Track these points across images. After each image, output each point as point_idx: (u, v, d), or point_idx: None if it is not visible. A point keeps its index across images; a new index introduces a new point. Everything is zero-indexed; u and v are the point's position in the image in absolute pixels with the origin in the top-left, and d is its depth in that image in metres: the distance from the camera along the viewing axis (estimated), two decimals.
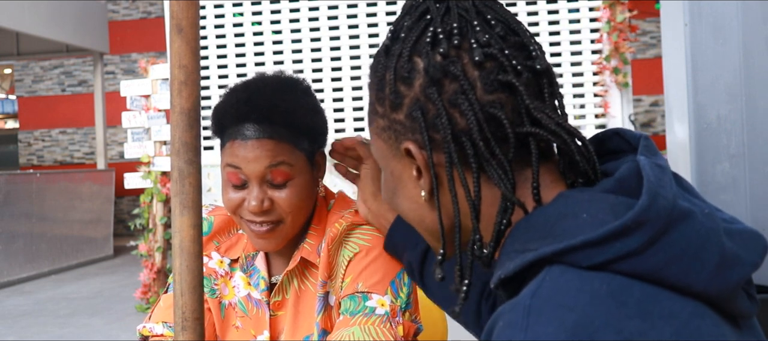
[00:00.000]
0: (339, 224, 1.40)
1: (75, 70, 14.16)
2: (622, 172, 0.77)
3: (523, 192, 0.79)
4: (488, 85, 0.77)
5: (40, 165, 14.15)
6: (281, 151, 1.32)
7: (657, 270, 0.69)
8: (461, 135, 0.78)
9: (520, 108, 0.77)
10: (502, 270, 0.76)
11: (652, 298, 0.69)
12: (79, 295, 7.54)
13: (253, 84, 1.39)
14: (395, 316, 1.34)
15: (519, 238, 0.77)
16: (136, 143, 6.52)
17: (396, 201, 0.88)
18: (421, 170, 0.81)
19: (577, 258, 0.70)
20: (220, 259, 1.50)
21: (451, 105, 0.78)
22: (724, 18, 1.63)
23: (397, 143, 0.83)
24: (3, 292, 7.92)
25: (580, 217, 0.73)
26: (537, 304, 0.68)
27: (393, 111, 0.82)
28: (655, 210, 0.70)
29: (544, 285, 0.70)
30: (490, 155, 0.77)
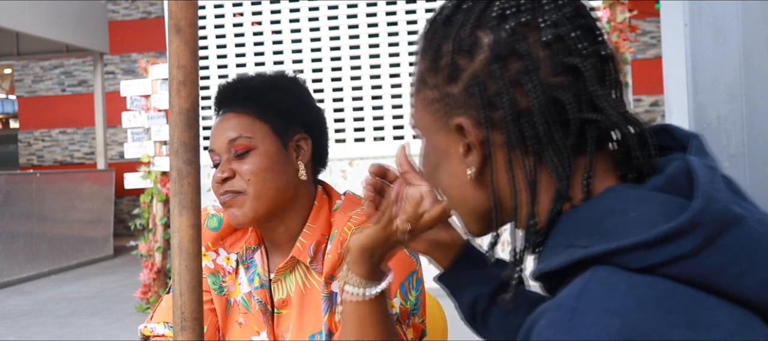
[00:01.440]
0: (348, 228, 1.41)
1: (75, 70, 14.15)
2: (672, 170, 0.75)
3: (575, 181, 0.76)
4: (554, 66, 0.74)
5: (40, 165, 14.15)
6: (241, 124, 1.41)
7: (708, 274, 0.67)
8: (522, 116, 0.75)
9: (583, 94, 0.74)
10: (545, 264, 0.74)
11: (700, 306, 0.67)
12: (79, 295, 7.54)
13: (247, 74, 1.53)
14: (405, 318, 1.35)
15: (564, 232, 0.74)
16: (136, 143, 6.52)
17: (436, 176, 0.84)
18: (472, 147, 0.78)
19: (627, 259, 0.68)
20: (227, 256, 1.51)
21: (514, 84, 0.74)
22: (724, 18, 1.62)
23: (447, 117, 0.79)
24: (3, 292, 7.92)
25: (628, 215, 0.70)
26: (582, 307, 0.66)
27: (447, 84, 0.79)
28: (709, 213, 0.68)
29: (591, 287, 0.67)
30: (549, 139, 0.74)
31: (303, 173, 1.43)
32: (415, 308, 1.38)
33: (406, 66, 6.41)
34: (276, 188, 1.39)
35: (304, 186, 1.44)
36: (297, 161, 1.43)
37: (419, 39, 0.84)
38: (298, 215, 1.44)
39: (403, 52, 6.40)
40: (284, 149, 1.42)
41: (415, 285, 1.39)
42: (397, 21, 6.38)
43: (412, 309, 1.37)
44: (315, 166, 1.49)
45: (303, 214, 1.45)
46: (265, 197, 1.39)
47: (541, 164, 0.76)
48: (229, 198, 1.40)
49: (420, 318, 1.39)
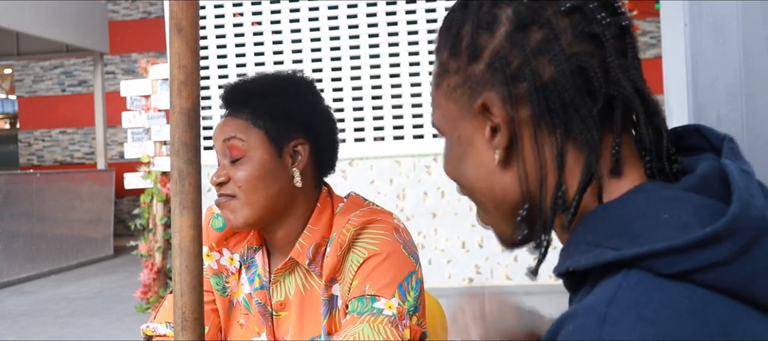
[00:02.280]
0: (346, 230, 1.40)
1: (75, 70, 14.16)
2: (704, 170, 0.72)
3: (603, 156, 0.74)
4: (577, 35, 0.73)
5: (40, 165, 14.15)
6: (236, 127, 1.41)
7: (743, 283, 0.65)
8: (546, 86, 0.73)
9: (608, 64, 0.73)
10: (571, 262, 0.71)
11: (735, 317, 0.65)
12: (79, 295, 7.54)
13: (253, 75, 1.50)
14: (402, 319, 1.34)
15: (592, 229, 0.72)
16: (136, 143, 6.52)
17: (462, 170, 0.81)
18: (498, 127, 0.76)
19: (659, 264, 0.65)
20: (231, 256, 1.51)
21: (537, 54, 0.73)
22: (724, 18, 1.62)
23: (472, 99, 0.77)
24: (3, 292, 7.92)
25: (660, 217, 0.68)
26: (614, 314, 0.63)
27: (470, 63, 0.77)
28: (746, 219, 0.66)
29: (622, 293, 0.65)
30: (575, 108, 0.72)
31: (298, 180, 1.42)
32: (414, 308, 1.37)
33: (406, 66, 6.41)
34: (267, 196, 1.39)
35: (302, 191, 1.43)
36: (292, 168, 1.42)
37: (438, 33, 0.83)
38: (296, 219, 1.44)
39: (403, 53, 6.40)
40: (279, 156, 1.41)
41: (415, 286, 1.38)
42: (397, 21, 6.38)
43: (410, 309, 1.36)
44: (319, 169, 1.47)
45: (303, 217, 1.44)
46: (256, 204, 1.39)
47: (569, 137, 0.74)
48: (223, 201, 1.41)
49: (418, 320, 1.38)
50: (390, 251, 1.38)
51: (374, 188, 6.37)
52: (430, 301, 1.76)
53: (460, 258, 6.35)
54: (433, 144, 6.35)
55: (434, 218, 6.37)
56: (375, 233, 1.40)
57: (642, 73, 0.76)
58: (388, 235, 1.40)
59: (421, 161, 6.36)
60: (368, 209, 1.45)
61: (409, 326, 1.35)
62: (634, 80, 0.74)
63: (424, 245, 6.33)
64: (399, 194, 6.39)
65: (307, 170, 1.44)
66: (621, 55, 0.74)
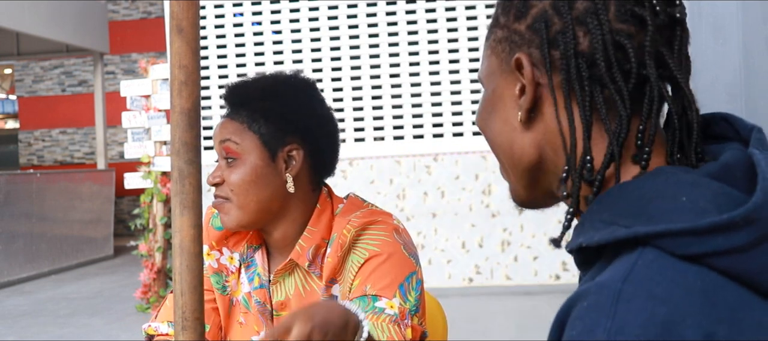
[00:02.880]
0: (347, 231, 1.40)
1: (75, 70, 14.16)
2: (728, 158, 0.72)
3: (628, 140, 0.74)
4: (622, 13, 0.73)
5: (40, 165, 14.15)
6: (232, 129, 1.42)
7: (756, 272, 0.66)
8: (581, 56, 0.74)
9: (646, 47, 0.73)
10: (584, 237, 0.72)
11: (745, 304, 0.65)
12: (79, 295, 7.54)
13: (254, 76, 1.50)
14: (404, 318, 1.35)
15: (609, 207, 0.72)
16: (136, 143, 6.52)
17: (489, 122, 0.83)
18: (526, 87, 0.77)
19: (674, 244, 0.66)
20: (231, 255, 1.51)
21: (579, 23, 0.74)
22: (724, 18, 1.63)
23: (510, 55, 0.79)
24: (3, 292, 7.92)
25: (678, 200, 0.68)
26: (629, 290, 0.64)
27: (516, 20, 0.79)
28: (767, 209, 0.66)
29: (637, 270, 0.65)
30: (609, 80, 0.73)
31: (291, 186, 1.42)
32: (415, 308, 1.37)
33: (406, 66, 6.41)
34: (259, 200, 1.40)
35: (297, 195, 1.43)
36: (285, 173, 1.42)
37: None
38: (292, 222, 1.44)
39: (403, 53, 6.40)
40: (272, 161, 1.41)
41: (415, 286, 1.39)
42: (397, 21, 6.38)
43: (411, 309, 1.37)
44: (317, 173, 1.47)
45: (300, 219, 1.44)
46: (248, 208, 1.40)
47: (596, 111, 0.75)
48: (218, 203, 1.43)
49: (419, 320, 1.39)
50: (391, 252, 1.38)
51: (374, 188, 6.37)
52: (430, 301, 1.76)
53: (460, 258, 6.35)
54: (433, 144, 6.35)
55: (434, 218, 6.37)
56: (375, 234, 1.40)
57: (687, 70, 0.76)
58: (388, 236, 1.40)
59: (421, 161, 6.37)
60: (368, 210, 1.45)
61: (411, 325, 1.35)
62: (671, 70, 0.74)
63: (424, 245, 6.33)
64: (399, 194, 6.39)
65: (302, 174, 1.43)
66: (666, 45, 0.74)
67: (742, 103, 1.62)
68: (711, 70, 1.63)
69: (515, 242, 6.21)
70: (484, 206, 6.26)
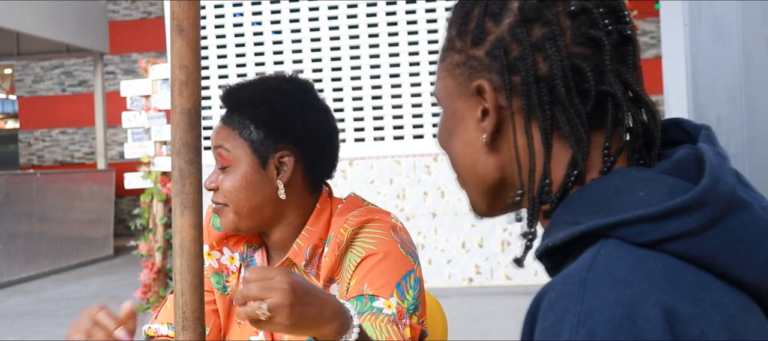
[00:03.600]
0: (344, 230, 1.40)
1: (75, 70, 14.16)
2: (680, 155, 0.76)
3: (593, 155, 0.78)
4: (577, 36, 0.76)
5: (40, 165, 14.15)
6: (224, 135, 1.43)
7: (711, 254, 0.69)
8: (541, 81, 0.76)
9: (603, 67, 0.76)
10: (550, 239, 0.75)
11: (704, 285, 0.68)
12: (79, 295, 7.54)
13: (250, 78, 1.50)
14: (402, 318, 1.34)
15: (571, 209, 0.75)
16: (136, 143, 6.52)
17: (451, 143, 0.85)
18: (489, 111, 0.79)
19: (631, 232, 0.69)
20: (232, 255, 1.51)
21: (537, 49, 0.76)
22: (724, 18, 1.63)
23: (469, 80, 0.81)
24: (3, 292, 7.92)
25: (636, 195, 0.72)
26: (594, 277, 0.67)
27: (473, 47, 0.81)
28: (716, 193, 0.69)
29: (600, 259, 0.68)
30: (568, 104, 0.76)
31: (282, 192, 1.42)
32: (413, 307, 1.37)
33: (406, 66, 6.41)
34: (250, 207, 1.41)
35: (291, 200, 1.43)
36: (277, 179, 1.42)
37: (452, 7, 0.86)
38: (289, 224, 1.44)
39: (403, 53, 6.40)
40: (263, 168, 1.41)
41: (413, 285, 1.38)
42: (397, 21, 6.38)
43: (410, 308, 1.36)
44: (313, 177, 1.46)
45: (297, 222, 1.44)
46: (242, 213, 1.42)
47: (557, 131, 0.77)
48: (217, 208, 1.44)
49: (419, 319, 1.38)
50: (387, 251, 1.38)
51: (374, 188, 6.37)
52: (430, 301, 1.76)
53: (460, 258, 6.35)
54: (433, 144, 6.35)
55: (434, 218, 6.37)
56: (372, 232, 1.40)
57: (641, 80, 0.79)
58: (385, 234, 1.40)
59: (421, 161, 6.37)
60: (366, 209, 1.45)
61: (409, 325, 1.35)
62: (629, 85, 0.77)
63: (424, 245, 6.33)
64: (399, 194, 6.39)
65: (296, 180, 1.43)
66: (620, 62, 0.77)
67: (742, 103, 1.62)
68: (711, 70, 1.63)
69: (515, 242, 6.21)
70: None
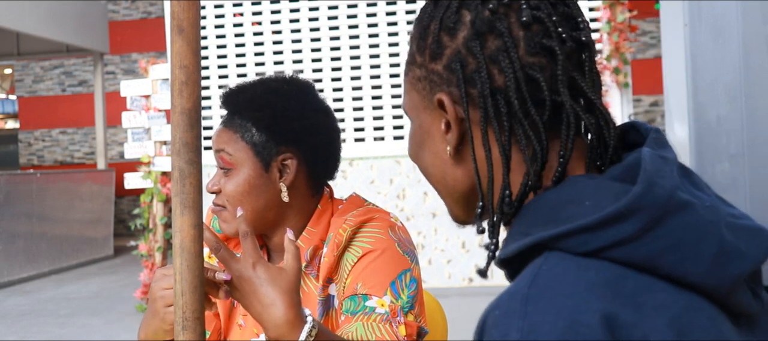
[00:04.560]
0: (343, 230, 1.40)
1: (75, 70, 14.16)
2: (628, 160, 0.77)
3: (550, 162, 0.79)
4: (531, 47, 0.77)
5: (40, 165, 14.15)
6: (226, 139, 1.42)
7: (651, 258, 0.70)
8: (498, 93, 0.77)
9: (559, 76, 0.77)
10: (503, 251, 0.77)
11: (645, 289, 0.69)
12: (79, 295, 7.54)
13: (250, 80, 1.49)
14: (395, 316, 1.34)
15: (524, 220, 0.77)
16: (136, 143, 6.52)
17: (420, 155, 0.87)
18: (451, 123, 0.81)
19: (573, 243, 0.70)
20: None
21: (492, 61, 0.77)
22: (724, 18, 1.63)
23: (431, 94, 0.82)
24: (3, 292, 7.92)
25: (583, 204, 0.73)
26: (535, 293, 0.68)
27: (432, 61, 0.82)
28: (650, 198, 0.70)
29: (541, 274, 0.70)
30: (524, 115, 0.77)
31: (285, 195, 1.42)
32: (408, 306, 1.37)
33: None
34: (253, 210, 1.40)
35: (293, 202, 1.43)
36: (279, 182, 1.41)
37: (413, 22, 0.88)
38: (290, 225, 1.44)
39: (403, 53, 6.40)
40: (266, 171, 1.41)
41: (409, 283, 1.38)
42: (397, 21, 6.38)
43: (404, 306, 1.36)
44: (315, 178, 1.46)
45: (299, 224, 1.44)
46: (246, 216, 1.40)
47: (516, 142, 0.78)
48: (217, 210, 1.44)
49: (415, 317, 1.38)
50: (383, 249, 1.38)
51: (374, 188, 6.37)
52: (430, 301, 1.76)
53: (460, 258, 6.35)
54: None
55: (434, 218, 6.37)
56: (370, 231, 1.40)
57: (599, 87, 0.81)
58: (382, 233, 1.40)
59: None
60: (365, 209, 1.44)
61: (405, 322, 1.35)
62: (585, 93, 0.78)
63: (424, 245, 6.33)
64: (399, 194, 6.39)
65: (298, 182, 1.43)
66: (577, 70, 0.78)
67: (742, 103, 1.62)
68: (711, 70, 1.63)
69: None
70: None
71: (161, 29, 12.45)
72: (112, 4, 13.58)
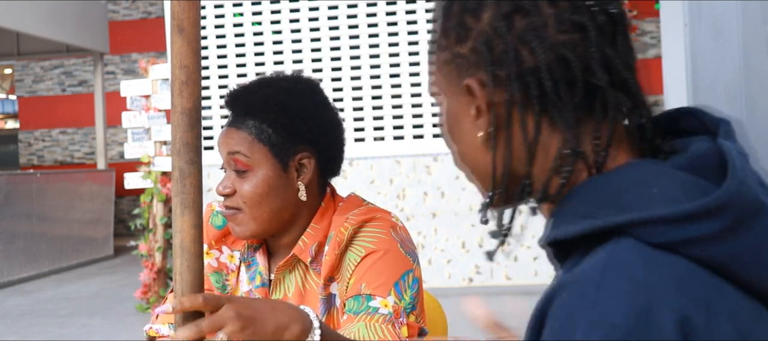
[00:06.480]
0: (344, 229, 1.40)
1: (75, 70, 14.15)
2: (695, 150, 0.73)
3: (585, 146, 0.75)
4: (561, 24, 0.73)
5: (40, 165, 14.14)
6: (240, 140, 1.39)
7: (728, 260, 0.67)
8: (527, 74, 0.74)
9: (592, 54, 0.73)
10: (559, 231, 0.73)
11: (719, 292, 0.66)
12: (79, 295, 7.54)
13: (255, 79, 1.47)
14: (398, 317, 1.34)
15: (581, 201, 0.73)
16: (136, 143, 6.52)
17: (452, 140, 0.83)
18: (481, 108, 0.77)
19: (649, 232, 0.67)
20: (231, 253, 1.51)
21: (520, 42, 0.74)
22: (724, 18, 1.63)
23: (459, 78, 0.79)
24: (3, 292, 7.92)
25: (650, 190, 0.69)
26: (608, 279, 0.65)
27: (457, 44, 0.78)
28: (739, 198, 0.67)
29: (615, 259, 0.66)
30: (556, 97, 0.73)
31: (303, 194, 1.41)
32: (411, 307, 1.37)
33: (406, 66, 6.41)
34: (271, 211, 1.39)
35: (307, 201, 1.43)
36: (297, 181, 1.41)
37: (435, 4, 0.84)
38: (299, 225, 1.44)
39: (403, 53, 6.40)
40: (284, 171, 1.40)
41: (411, 284, 1.38)
42: (397, 21, 6.38)
43: (407, 307, 1.36)
44: (325, 175, 1.46)
45: (306, 222, 1.44)
46: (261, 219, 1.39)
47: (548, 126, 0.75)
48: (230, 214, 1.41)
49: (417, 318, 1.38)
50: (387, 249, 1.38)
51: (374, 188, 6.37)
52: (430, 301, 1.76)
53: (460, 258, 6.35)
54: (433, 144, 6.35)
55: (434, 218, 6.37)
56: (372, 231, 1.40)
57: (633, 62, 0.77)
58: (385, 233, 1.40)
59: (421, 161, 6.37)
60: (366, 208, 1.45)
61: (406, 324, 1.35)
62: (618, 71, 0.74)
63: (424, 245, 6.33)
64: (399, 194, 6.39)
65: (313, 180, 1.43)
66: (609, 45, 0.74)
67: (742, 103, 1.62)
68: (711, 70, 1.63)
69: (516, 242, 6.19)
70: None
71: (161, 29, 12.45)
72: (112, 4, 13.58)
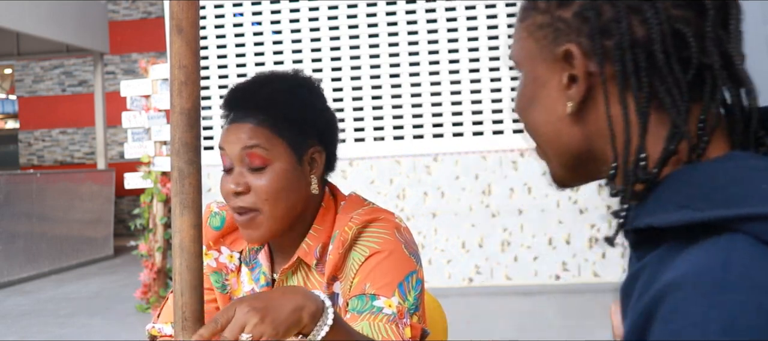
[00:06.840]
0: (348, 228, 1.40)
1: (75, 70, 14.16)
2: None
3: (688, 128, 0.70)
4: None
5: (40, 165, 14.15)
6: (257, 134, 1.36)
7: None
8: (637, 46, 0.69)
9: (708, 33, 0.69)
10: (655, 219, 0.68)
11: None
12: (79, 295, 7.54)
13: (256, 76, 1.46)
14: (402, 317, 1.34)
15: (680, 190, 0.68)
16: (136, 143, 6.52)
17: (530, 110, 0.78)
18: (577, 78, 0.73)
19: (764, 229, 0.62)
20: (230, 254, 1.51)
21: (633, 10, 0.70)
22: None
23: (555, 43, 0.74)
24: (3, 292, 7.92)
25: (758, 186, 0.65)
26: (731, 280, 0.60)
27: (559, 7, 0.74)
28: None
29: (736, 258, 0.62)
30: (668, 72, 0.69)
31: (315, 187, 1.41)
32: (414, 308, 1.37)
33: (406, 66, 6.42)
34: (287, 207, 1.37)
35: (314, 196, 1.43)
36: (310, 175, 1.41)
37: None
38: (303, 223, 1.44)
39: (403, 53, 6.40)
40: (299, 165, 1.39)
41: (415, 285, 1.38)
42: (397, 21, 6.39)
43: (411, 308, 1.36)
44: (327, 172, 1.47)
45: (309, 220, 1.44)
46: (279, 217, 1.37)
47: (655, 102, 0.71)
48: (246, 219, 1.37)
49: (419, 319, 1.39)
50: (391, 250, 1.38)
51: (374, 188, 6.37)
52: (430, 301, 1.76)
53: (460, 258, 6.35)
54: (433, 144, 6.36)
55: (434, 218, 6.37)
56: (377, 231, 1.40)
57: (741, 47, 0.73)
58: (389, 234, 1.40)
59: (421, 161, 6.37)
60: (370, 208, 1.45)
61: (410, 325, 1.35)
62: (730, 55, 0.71)
63: (424, 245, 6.33)
64: (399, 194, 6.39)
65: (320, 177, 1.44)
66: (723, 27, 0.71)
67: None
68: None
69: (515, 242, 6.21)
70: (484, 206, 6.26)
71: (161, 29, 12.46)
72: (112, 4, 13.59)
